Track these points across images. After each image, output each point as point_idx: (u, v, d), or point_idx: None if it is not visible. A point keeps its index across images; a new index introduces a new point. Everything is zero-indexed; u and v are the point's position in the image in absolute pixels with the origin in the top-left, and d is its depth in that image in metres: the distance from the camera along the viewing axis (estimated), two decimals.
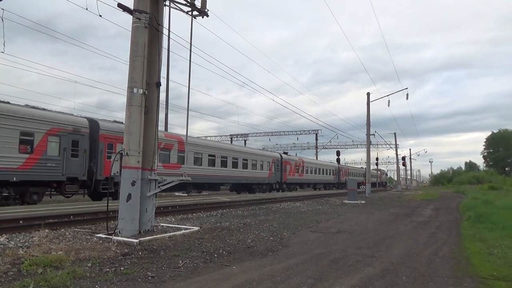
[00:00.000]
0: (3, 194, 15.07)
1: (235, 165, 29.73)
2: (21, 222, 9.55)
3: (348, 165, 75.62)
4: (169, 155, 23.06)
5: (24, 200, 15.89)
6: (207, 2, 9.94)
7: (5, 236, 7.79)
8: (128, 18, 8.81)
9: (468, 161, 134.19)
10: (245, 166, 31.20)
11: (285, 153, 42.92)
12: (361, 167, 71.29)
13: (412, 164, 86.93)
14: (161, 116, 25.61)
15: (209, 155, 26.78)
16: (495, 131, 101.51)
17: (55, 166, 16.53)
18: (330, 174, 52.16)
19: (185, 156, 18.04)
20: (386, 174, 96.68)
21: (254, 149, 36.85)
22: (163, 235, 8.34)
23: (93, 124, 18.64)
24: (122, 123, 20.40)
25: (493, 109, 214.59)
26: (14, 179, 15.08)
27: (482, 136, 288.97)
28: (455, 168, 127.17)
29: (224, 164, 28.34)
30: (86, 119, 18.73)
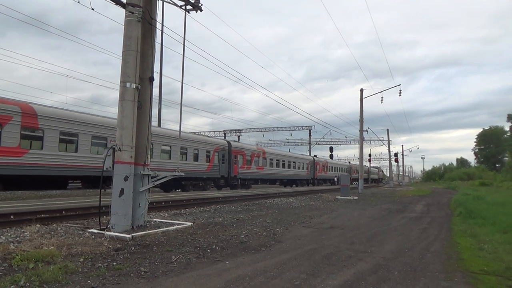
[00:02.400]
0: (200, 185, 27.22)
1: (288, 166, 41.76)
2: (12, 217, 9.46)
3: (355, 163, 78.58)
4: (259, 160, 35.54)
5: (204, 188, 27.42)
6: None
7: None
8: (122, 12, 8.72)
9: (459, 157, 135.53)
10: (294, 167, 43.31)
11: (315, 156, 53.98)
12: (365, 166, 79.57)
13: (404, 160, 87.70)
14: (155, 111, 25.80)
15: (276, 160, 38.89)
16: (486, 128, 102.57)
17: (216, 169, 28.52)
18: (344, 171, 62.16)
19: (178, 152, 22.58)
20: (382, 172, 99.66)
21: (298, 154, 48.99)
22: (156, 230, 8.32)
23: (229, 143, 31.07)
24: (236, 141, 35.96)
25: (484, 106, 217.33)
26: (205, 176, 27.16)
27: (473, 133, 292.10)
28: (446, 164, 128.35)
29: (283, 166, 40.58)
30: (227, 141, 31.44)
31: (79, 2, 11.21)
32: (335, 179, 51.96)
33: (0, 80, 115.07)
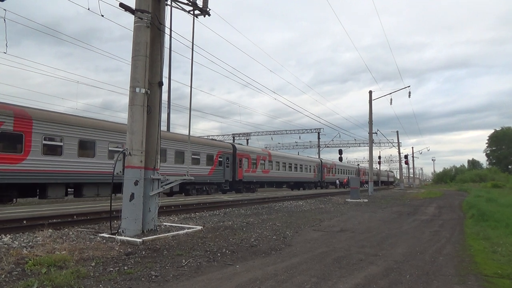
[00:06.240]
0: (310, 186, 45.92)
1: (345, 172, 59.98)
2: (24, 222, 9.59)
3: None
4: (332, 170, 54.48)
5: (314, 187, 46.60)
6: (209, 1, 9.94)
7: (9, 236, 7.83)
8: (132, 20, 8.81)
9: (470, 159, 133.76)
10: (348, 173, 61.33)
11: (358, 164, 72.60)
12: (384, 170, 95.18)
13: (414, 162, 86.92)
14: (164, 116, 26.05)
15: (340, 169, 57.58)
16: (497, 129, 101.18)
17: (317, 177, 48.78)
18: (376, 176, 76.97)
19: (186, 157, 23.43)
20: (394, 174, 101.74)
21: (349, 164, 67.07)
22: (166, 234, 8.36)
23: (321, 160, 50.80)
24: (323, 159, 54.96)
25: (495, 107, 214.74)
26: (312, 181, 47.87)
27: (484, 134, 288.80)
28: (458, 166, 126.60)
29: (342, 172, 58.82)
30: (320, 159, 50.74)
31: (88, 9, 11.39)
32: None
33: (16, 88, 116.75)
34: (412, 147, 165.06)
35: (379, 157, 70.81)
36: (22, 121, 14.81)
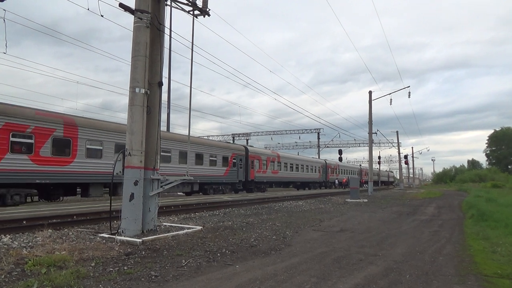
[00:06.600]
0: (315, 186, 47.53)
1: (346, 173, 60.77)
2: (24, 222, 9.59)
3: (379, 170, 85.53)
4: (335, 171, 56.29)
5: (318, 187, 48.64)
6: (209, 2, 9.95)
7: (9, 236, 7.82)
8: (132, 20, 8.81)
9: (470, 159, 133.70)
10: (348, 173, 61.67)
11: (360, 164, 75.99)
12: (384, 170, 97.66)
13: (414, 162, 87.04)
14: (163, 116, 26.10)
15: (343, 170, 59.77)
16: (497, 129, 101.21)
17: (322, 177, 51.57)
18: (384, 177, 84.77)
19: (187, 157, 22.49)
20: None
21: (351, 164, 67.27)
22: (166, 234, 8.35)
23: (325, 161, 53.42)
24: (327, 159, 57.82)
25: (495, 108, 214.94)
26: (317, 181, 49.51)
27: (484, 134, 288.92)
28: (457, 166, 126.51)
29: (342, 173, 59.28)
30: (324, 160, 53.46)
31: (88, 9, 11.38)
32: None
33: (16, 88, 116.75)
34: (412, 147, 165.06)
35: (379, 157, 70.78)
36: (70, 128, 16.62)
